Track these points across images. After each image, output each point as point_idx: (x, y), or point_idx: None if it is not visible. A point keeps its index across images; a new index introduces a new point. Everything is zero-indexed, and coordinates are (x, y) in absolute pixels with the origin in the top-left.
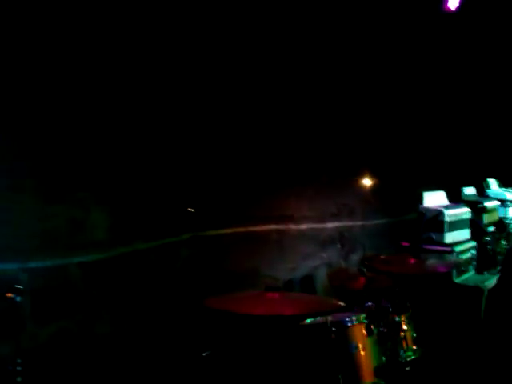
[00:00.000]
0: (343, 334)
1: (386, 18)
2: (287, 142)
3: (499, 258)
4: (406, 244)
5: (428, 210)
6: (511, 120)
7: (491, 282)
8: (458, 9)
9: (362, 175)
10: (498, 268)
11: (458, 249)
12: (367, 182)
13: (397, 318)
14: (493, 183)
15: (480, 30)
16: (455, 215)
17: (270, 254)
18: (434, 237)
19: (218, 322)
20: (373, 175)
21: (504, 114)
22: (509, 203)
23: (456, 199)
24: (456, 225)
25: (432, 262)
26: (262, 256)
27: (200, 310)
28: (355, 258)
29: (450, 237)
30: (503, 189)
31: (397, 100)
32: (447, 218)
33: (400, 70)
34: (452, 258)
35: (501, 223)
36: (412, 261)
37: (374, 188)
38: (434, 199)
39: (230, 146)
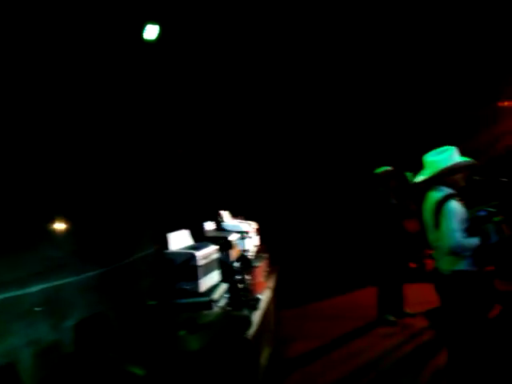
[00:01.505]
0: None
1: None
2: None
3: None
4: (153, 302)
5: (176, 254)
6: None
7: None
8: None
9: (65, 221)
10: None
11: (214, 296)
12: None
13: None
14: (226, 215)
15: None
16: (206, 257)
17: None
18: (188, 287)
19: None
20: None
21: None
22: (245, 235)
23: (198, 237)
24: (208, 268)
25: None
26: None
27: None
28: (70, 324)
29: (205, 283)
30: (235, 220)
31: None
32: (200, 262)
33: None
34: (215, 309)
35: (243, 257)
36: None
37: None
38: (178, 240)
39: None
